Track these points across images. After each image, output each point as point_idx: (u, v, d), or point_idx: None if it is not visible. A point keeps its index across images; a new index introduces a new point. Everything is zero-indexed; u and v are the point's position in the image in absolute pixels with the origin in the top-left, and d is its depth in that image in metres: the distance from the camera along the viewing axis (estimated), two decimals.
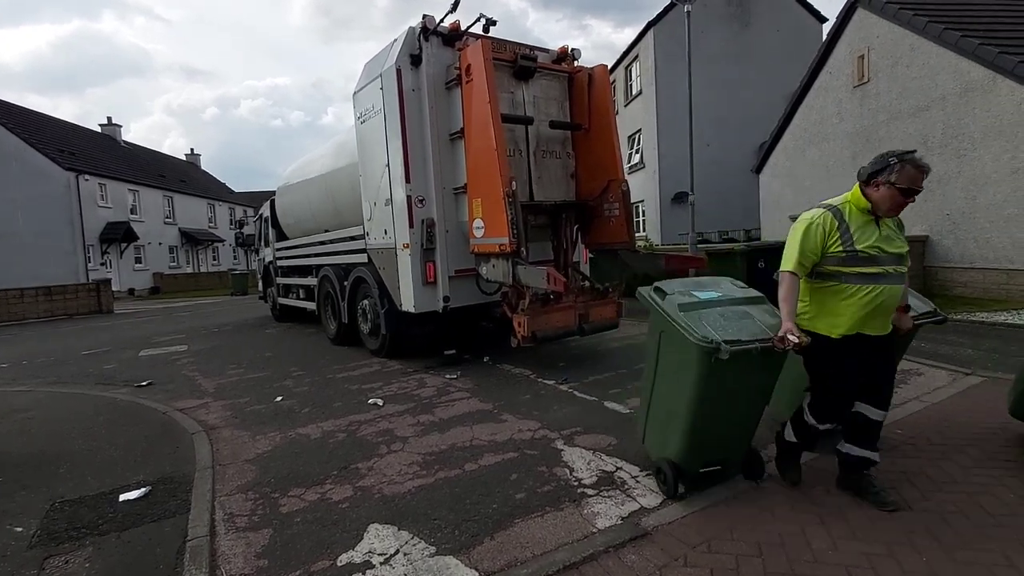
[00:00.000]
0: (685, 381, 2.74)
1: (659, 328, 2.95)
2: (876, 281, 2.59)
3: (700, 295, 2.91)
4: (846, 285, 2.62)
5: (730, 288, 3.06)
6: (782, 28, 20.00)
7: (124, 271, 27.52)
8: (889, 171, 2.53)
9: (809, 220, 2.67)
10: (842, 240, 2.60)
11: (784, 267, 2.68)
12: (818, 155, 12.24)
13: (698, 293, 2.93)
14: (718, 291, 2.98)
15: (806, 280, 2.73)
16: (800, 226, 2.69)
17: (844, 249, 2.59)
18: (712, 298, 2.89)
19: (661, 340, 2.95)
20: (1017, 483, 2.82)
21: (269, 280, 12.15)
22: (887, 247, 2.62)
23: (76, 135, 29.55)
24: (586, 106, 6.24)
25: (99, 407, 5.48)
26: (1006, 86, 8.00)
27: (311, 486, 3.31)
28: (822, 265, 2.66)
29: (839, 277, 2.63)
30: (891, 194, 2.55)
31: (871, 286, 2.58)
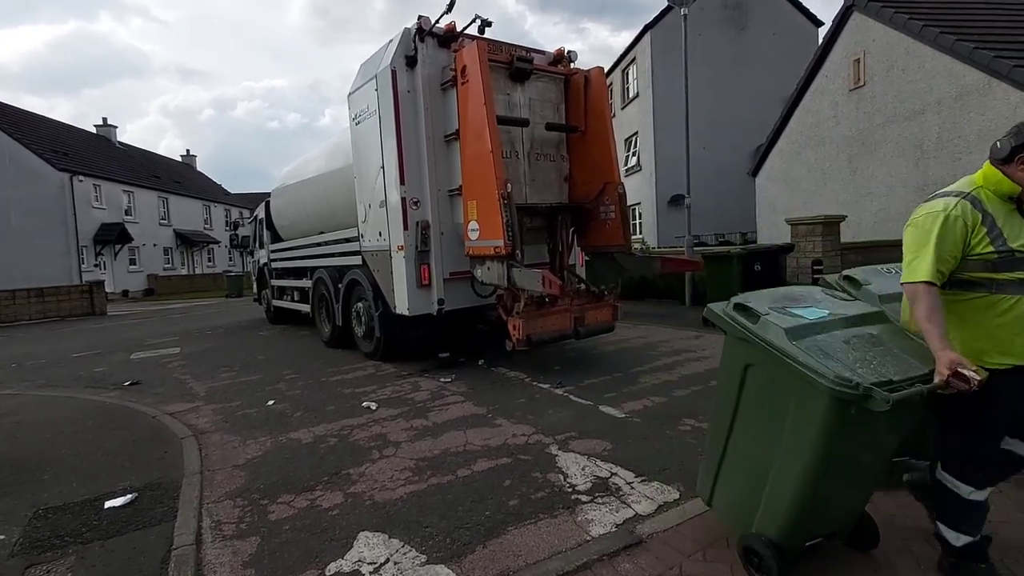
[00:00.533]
0: (802, 439, 1.96)
1: (745, 360, 2.19)
2: None
3: (805, 314, 2.12)
4: (1001, 296, 1.91)
5: (831, 300, 2.31)
6: (778, 32, 20.07)
7: (118, 273, 27.35)
8: None
9: (944, 211, 1.94)
10: (991, 237, 1.90)
11: (914, 277, 1.94)
12: (814, 158, 12.27)
13: (800, 311, 2.14)
14: (821, 306, 2.21)
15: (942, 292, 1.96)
16: (932, 220, 1.96)
17: (996, 249, 1.89)
18: (822, 318, 2.11)
19: (748, 376, 2.19)
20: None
21: (264, 282, 12.07)
22: None
23: (71, 136, 29.40)
24: (582, 108, 6.21)
25: (88, 411, 5.41)
26: (1001, 90, 8.03)
27: (301, 492, 3.26)
28: (963, 271, 1.96)
29: (989, 286, 1.92)
30: None
31: None
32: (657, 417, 4.20)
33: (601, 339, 6.96)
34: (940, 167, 9.17)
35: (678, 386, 5.02)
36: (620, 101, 23.25)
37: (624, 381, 5.27)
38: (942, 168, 9.14)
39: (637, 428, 4.01)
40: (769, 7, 20.35)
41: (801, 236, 8.96)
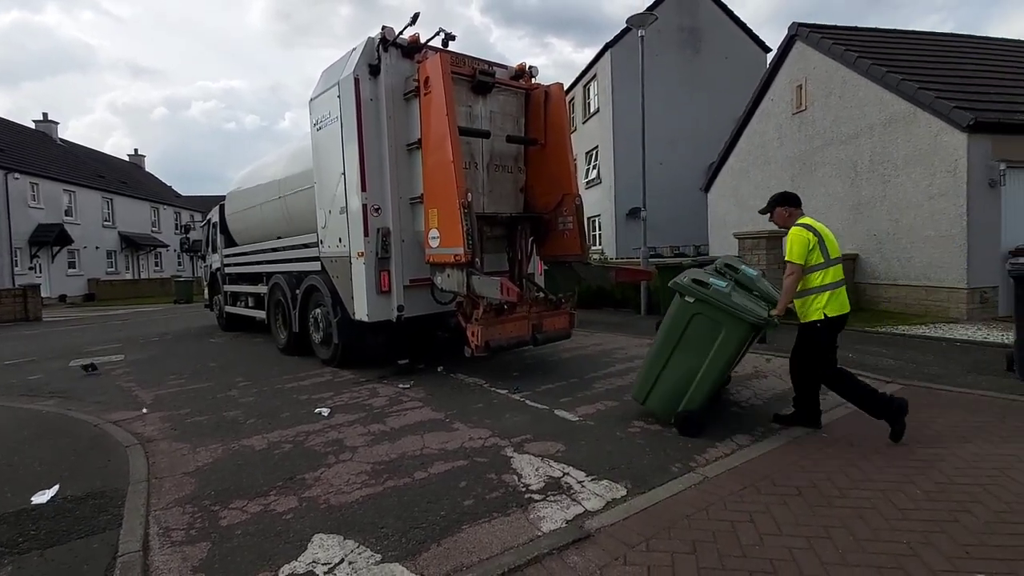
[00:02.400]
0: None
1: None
2: None
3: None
4: None
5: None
6: (730, 56, 21.11)
7: (56, 276, 25.78)
8: None
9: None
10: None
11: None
12: (761, 177, 12.96)
13: (714, 281, 3.85)
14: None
15: None
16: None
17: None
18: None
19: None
20: (925, 480, 3.08)
21: (216, 288, 11.69)
22: None
23: (6, 130, 27.61)
24: (542, 122, 6.41)
25: (23, 420, 5.14)
26: (924, 118, 8.76)
27: (254, 498, 3.23)
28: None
29: None
30: None
31: None
32: (609, 420, 4.37)
33: (558, 346, 7.14)
34: (872, 187, 9.88)
35: (630, 391, 5.18)
36: (582, 115, 23.84)
37: (579, 386, 5.44)
38: (873, 188, 9.86)
39: (590, 430, 4.17)
40: (721, 33, 21.41)
41: (747, 249, 9.45)
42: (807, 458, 3.47)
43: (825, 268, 3.72)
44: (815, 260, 3.71)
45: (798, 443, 3.75)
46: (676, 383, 3.95)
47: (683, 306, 3.91)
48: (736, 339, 3.73)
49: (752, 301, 3.90)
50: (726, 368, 3.92)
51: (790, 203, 4.04)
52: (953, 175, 8.33)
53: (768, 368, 5.95)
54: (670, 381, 3.98)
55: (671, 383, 3.97)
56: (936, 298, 8.76)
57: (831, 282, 3.71)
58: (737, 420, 4.28)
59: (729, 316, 3.70)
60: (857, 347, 6.83)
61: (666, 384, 4.00)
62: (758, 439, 3.85)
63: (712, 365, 3.80)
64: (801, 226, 3.79)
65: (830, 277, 3.72)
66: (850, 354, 6.44)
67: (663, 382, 4.02)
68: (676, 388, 3.95)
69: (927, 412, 4.25)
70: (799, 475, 3.23)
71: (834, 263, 3.75)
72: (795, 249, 3.70)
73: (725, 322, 3.72)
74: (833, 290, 3.71)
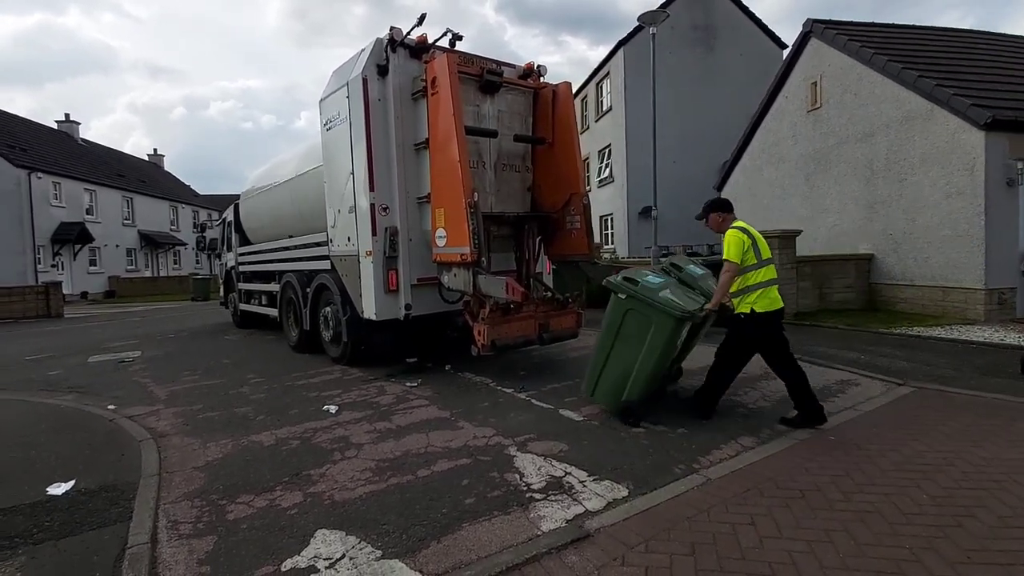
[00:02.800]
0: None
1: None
2: None
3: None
4: None
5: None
6: (745, 53, 20.86)
7: (77, 274, 26.37)
8: None
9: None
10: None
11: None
12: (775, 175, 12.80)
13: (650, 279, 4.21)
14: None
15: None
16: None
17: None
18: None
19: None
20: (931, 484, 3.04)
21: (231, 285, 11.88)
22: None
23: (30, 131, 28.30)
24: (550, 121, 6.41)
25: (41, 414, 5.28)
26: (942, 115, 8.59)
27: (260, 493, 3.29)
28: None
29: None
30: None
31: None
32: (613, 420, 4.35)
33: (565, 345, 7.14)
34: (888, 186, 9.71)
35: None
36: (595, 113, 23.75)
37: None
38: (889, 187, 9.69)
39: (593, 430, 4.17)
40: (736, 30, 21.16)
41: None
42: (812, 461, 3.44)
43: (758, 268, 4.01)
44: (749, 260, 4.01)
45: (804, 445, 3.72)
46: (617, 376, 4.24)
47: (617, 303, 4.21)
48: (665, 332, 3.96)
49: (687, 297, 4.16)
50: (662, 360, 4.11)
51: (723, 209, 4.37)
52: (970, 174, 8.16)
53: None
54: (612, 374, 4.27)
55: (613, 376, 4.26)
56: (953, 299, 8.59)
57: (763, 281, 4.00)
58: (743, 422, 4.25)
59: (657, 311, 3.97)
60: (870, 349, 6.74)
61: (608, 378, 4.29)
62: (763, 441, 3.83)
63: (647, 358, 4.05)
64: (737, 228, 4.09)
65: (761, 276, 4.01)
66: (862, 356, 6.36)
67: (606, 376, 4.31)
68: (617, 381, 4.23)
69: (937, 415, 4.19)
70: (803, 478, 3.21)
71: (766, 263, 4.04)
72: (732, 249, 3.98)
73: (654, 317, 3.99)
74: (764, 288, 3.99)
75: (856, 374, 5.51)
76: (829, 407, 4.51)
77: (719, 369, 4.29)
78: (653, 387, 4.34)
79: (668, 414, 4.43)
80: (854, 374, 5.51)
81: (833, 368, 5.78)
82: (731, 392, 5.01)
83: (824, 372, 5.65)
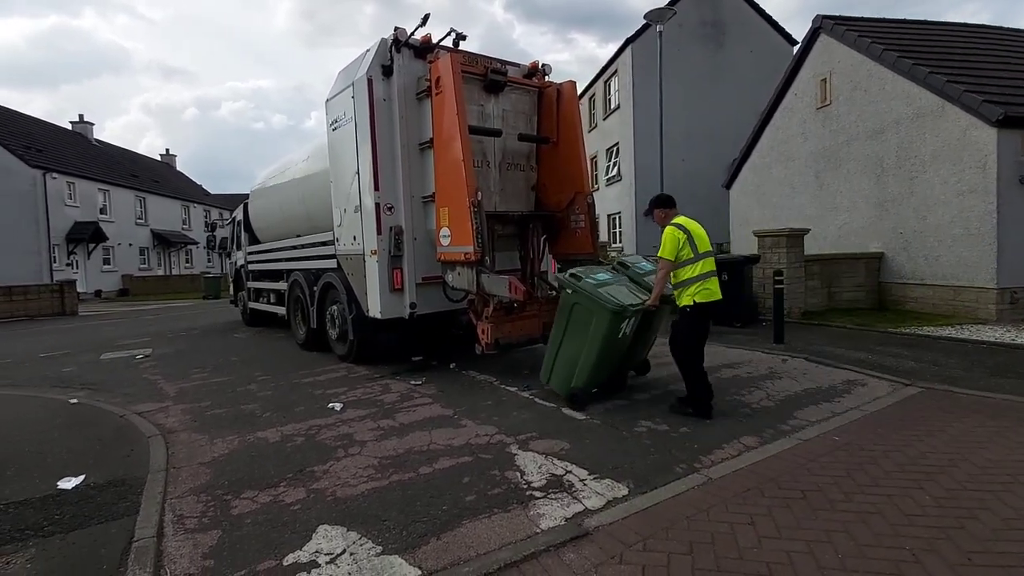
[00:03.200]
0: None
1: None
2: None
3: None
4: None
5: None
6: (755, 49, 20.68)
7: (91, 272, 26.76)
8: None
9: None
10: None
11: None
12: (784, 173, 12.69)
13: (597, 276, 4.60)
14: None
15: None
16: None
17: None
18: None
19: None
20: (935, 486, 3.02)
21: (240, 284, 12.02)
22: None
23: (45, 132, 28.75)
24: (555, 120, 6.41)
25: (54, 410, 5.39)
26: (953, 112, 8.47)
27: (265, 488, 3.34)
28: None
29: None
30: None
31: None
32: (616, 419, 4.37)
33: None
34: (898, 184, 9.60)
35: (639, 390, 5.21)
36: (602, 111, 23.67)
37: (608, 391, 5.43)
38: (900, 185, 9.57)
39: (596, 429, 4.18)
40: (746, 26, 20.99)
41: (767, 248, 9.28)
42: (815, 461, 3.43)
43: (695, 262, 4.19)
44: (686, 255, 4.20)
45: (807, 446, 3.70)
46: (566, 364, 4.64)
47: (565, 297, 4.65)
48: (603, 324, 4.29)
49: (629, 293, 4.51)
50: (605, 350, 4.40)
51: (665, 205, 4.55)
52: (983, 171, 8.04)
53: (783, 368, 5.85)
54: (562, 363, 4.68)
55: (563, 365, 4.67)
56: (964, 298, 8.47)
57: (700, 274, 4.18)
58: (746, 421, 4.23)
59: (597, 305, 4.33)
60: (878, 348, 6.67)
61: (560, 366, 4.71)
62: (766, 441, 3.81)
63: (590, 348, 4.42)
64: (674, 225, 4.26)
65: (699, 270, 4.19)
66: (870, 356, 6.30)
67: (558, 364, 4.72)
68: (567, 369, 4.64)
69: (944, 416, 4.15)
70: (805, 478, 3.19)
71: (703, 257, 4.20)
72: (666, 247, 4.20)
73: (595, 310, 4.35)
74: (702, 281, 4.18)
75: (863, 374, 5.46)
76: (834, 407, 4.49)
77: (683, 366, 4.40)
78: (601, 376, 4.71)
79: (671, 415, 4.42)
80: (861, 374, 5.47)
81: (840, 368, 5.73)
82: (735, 392, 5.02)
83: (830, 372, 5.61)
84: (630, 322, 4.43)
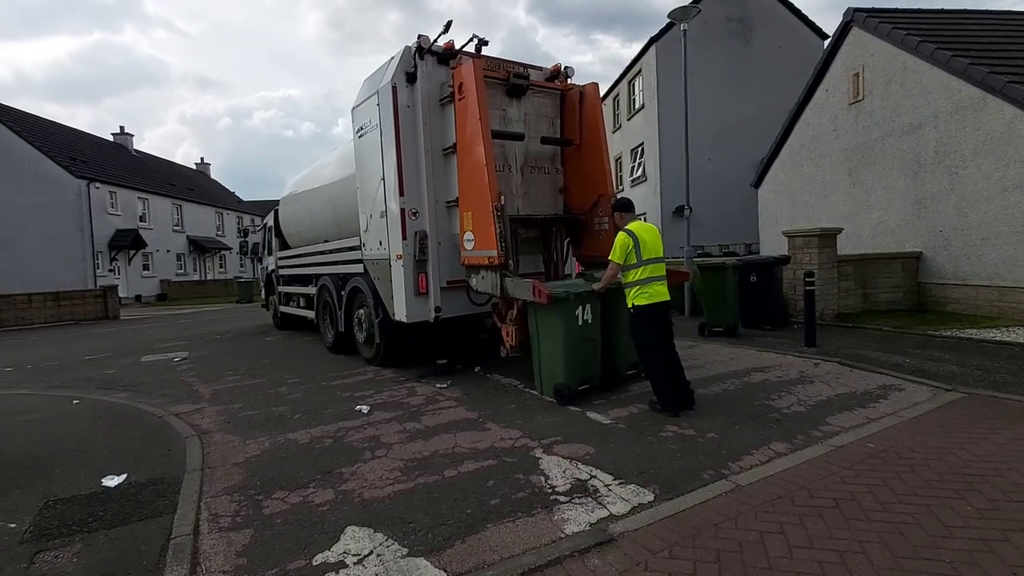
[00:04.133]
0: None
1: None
2: None
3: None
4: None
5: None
6: (783, 45, 20.22)
7: (132, 278, 27.89)
8: None
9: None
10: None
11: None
12: (815, 171, 12.35)
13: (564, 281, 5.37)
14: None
15: None
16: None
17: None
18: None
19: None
20: (977, 496, 2.89)
21: (271, 288, 12.34)
22: None
23: (88, 144, 30.14)
24: (578, 122, 6.40)
25: (98, 411, 5.63)
26: (996, 104, 8.11)
27: (295, 489, 3.42)
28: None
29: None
30: None
31: None
32: (642, 423, 4.32)
33: None
34: (937, 180, 9.24)
35: None
36: (627, 112, 23.49)
37: (614, 388, 5.39)
38: (939, 182, 9.21)
39: (621, 434, 4.14)
40: (774, 21, 20.54)
41: (798, 248, 9.05)
42: (848, 469, 3.32)
43: (638, 267, 4.49)
44: (631, 260, 4.51)
45: (840, 453, 3.59)
46: (549, 366, 4.98)
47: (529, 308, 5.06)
48: (558, 312, 4.74)
49: (583, 284, 5.04)
50: (572, 340, 4.79)
51: (623, 209, 4.88)
52: None
53: (815, 373, 5.69)
54: (546, 367, 5.01)
55: (547, 368, 5.00)
56: (1011, 299, 8.09)
57: (643, 278, 4.49)
58: (776, 427, 4.13)
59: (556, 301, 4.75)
60: (917, 352, 6.43)
61: (545, 370, 5.03)
62: (797, 448, 3.71)
63: (556, 340, 4.80)
64: (624, 231, 4.57)
65: (642, 274, 4.48)
66: (908, 359, 6.08)
67: (544, 370, 5.05)
68: (551, 370, 4.95)
69: (989, 423, 3.97)
70: (838, 486, 3.10)
71: (647, 263, 4.49)
72: (615, 250, 4.55)
73: (552, 304, 4.72)
74: (642, 285, 4.49)
75: (900, 379, 5.27)
76: (869, 413, 4.35)
77: (641, 357, 4.74)
78: (586, 371, 5.01)
79: (698, 418, 4.35)
80: (898, 379, 5.27)
81: (876, 372, 5.55)
82: (764, 396, 4.91)
83: (865, 376, 5.43)
84: (585, 308, 4.87)
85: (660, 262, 4.58)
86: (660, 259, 4.59)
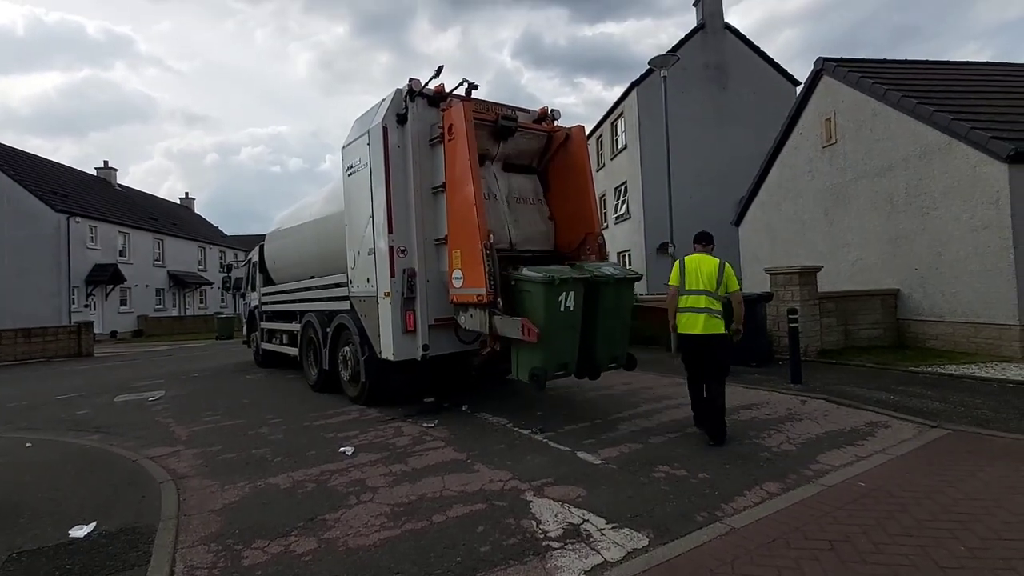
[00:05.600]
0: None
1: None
2: None
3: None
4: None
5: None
6: (758, 91, 21.15)
7: (108, 313, 27.22)
8: None
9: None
10: None
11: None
12: (793, 210, 12.74)
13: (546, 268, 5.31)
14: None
15: None
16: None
17: None
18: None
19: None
20: (969, 535, 2.88)
21: (254, 325, 12.13)
22: None
23: (71, 177, 29.91)
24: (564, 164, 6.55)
25: (68, 454, 5.39)
26: (961, 149, 8.52)
27: (276, 538, 3.28)
28: None
29: None
30: None
31: None
32: (633, 463, 4.27)
33: (584, 385, 7.06)
34: (910, 220, 9.58)
35: (656, 432, 5.10)
36: (610, 151, 24.14)
37: (603, 427, 5.35)
38: (912, 222, 9.55)
39: (612, 474, 4.08)
40: (748, 68, 21.54)
41: (779, 285, 9.23)
42: (841, 509, 3.30)
43: (685, 295, 4.80)
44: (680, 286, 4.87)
45: (832, 492, 3.57)
46: (527, 351, 5.04)
47: (512, 290, 5.21)
48: (541, 295, 4.87)
49: (568, 271, 5.18)
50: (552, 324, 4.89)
51: (695, 241, 5.11)
52: (996, 207, 8.02)
53: (803, 410, 5.72)
54: (524, 352, 5.09)
55: (525, 353, 5.09)
56: (986, 335, 8.30)
57: (682, 307, 4.80)
58: (767, 467, 4.11)
59: (532, 283, 4.99)
60: (900, 388, 6.51)
61: (522, 356, 5.15)
62: (789, 487, 3.69)
63: (536, 324, 4.82)
64: (681, 259, 4.95)
65: (683, 303, 4.80)
66: (892, 396, 6.14)
67: (521, 356, 5.15)
68: (527, 356, 5.07)
69: (975, 460, 4.00)
70: (833, 527, 3.07)
71: (688, 293, 4.77)
72: (670, 274, 4.97)
73: (532, 289, 4.99)
74: (680, 313, 4.81)
75: (886, 415, 5.32)
76: (857, 451, 4.36)
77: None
78: (562, 357, 5.12)
79: (689, 458, 4.32)
80: (884, 415, 5.32)
81: (862, 409, 5.59)
82: (754, 435, 4.90)
83: (852, 413, 5.47)
84: (568, 295, 4.98)
85: (699, 294, 4.72)
86: (698, 291, 4.72)
